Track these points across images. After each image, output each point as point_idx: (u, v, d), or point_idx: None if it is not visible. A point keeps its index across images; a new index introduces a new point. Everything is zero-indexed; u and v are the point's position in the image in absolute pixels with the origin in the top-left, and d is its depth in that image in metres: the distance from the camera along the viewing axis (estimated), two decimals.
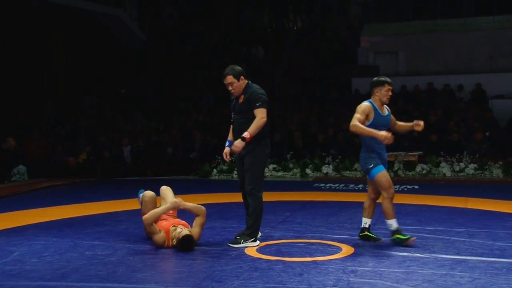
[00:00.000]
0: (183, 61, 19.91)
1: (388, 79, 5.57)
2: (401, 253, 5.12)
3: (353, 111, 5.59)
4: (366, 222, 5.70)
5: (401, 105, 14.97)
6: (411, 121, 5.86)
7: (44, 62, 17.72)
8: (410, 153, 11.92)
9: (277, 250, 5.31)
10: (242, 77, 5.58)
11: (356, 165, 12.09)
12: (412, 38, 18.15)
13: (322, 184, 10.84)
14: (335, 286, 4.15)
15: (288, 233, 6.12)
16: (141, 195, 6.26)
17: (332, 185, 10.71)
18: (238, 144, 5.43)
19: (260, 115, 5.46)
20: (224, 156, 5.81)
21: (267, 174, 12.01)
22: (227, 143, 5.84)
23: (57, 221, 7.07)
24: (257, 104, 5.50)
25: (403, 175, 11.63)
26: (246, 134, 5.40)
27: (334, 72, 18.52)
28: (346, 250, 5.26)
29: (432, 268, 4.61)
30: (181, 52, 20.55)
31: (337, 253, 5.16)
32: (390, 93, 5.56)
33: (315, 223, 6.68)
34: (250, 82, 5.69)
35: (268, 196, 5.91)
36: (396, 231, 5.44)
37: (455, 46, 17.63)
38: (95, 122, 16.45)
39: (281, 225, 6.58)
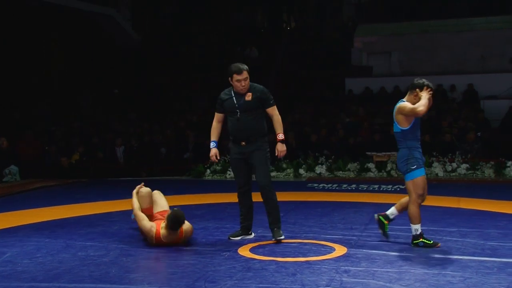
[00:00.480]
0: (177, 62, 19.90)
1: (430, 84, 5.41)
2: (393, 253, 5.14)
3: (346, 111, 5.60)
4: (393, 213, 5.60)
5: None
6: None
7: (39, 62, 17.67)
8: None
9: (271, 250, 5.31)
10: None
11: (349, 165, 12.12)
12: (405, 39, 18.22)
13: (316, 184, 10.85)
14: (328, 286, 4.17)
15: None
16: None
17: (325, 185, 10.73)
18: (283, 147, 5.71)
19: (277, 112, 5.74)
20: (214, 158, 5.80)
21: None
22: (213, 144, 5.85)
23: (49, 222, 7.04)
24: (271, 102, 5.72)
25: (396, 175, 11.65)
26: (282, 136, 5.70)
27: (328, 73, 18.56)
28: (339, 250, 5.28)
29: (424, 268, 4.63)
30: (175, 53, 20.54)
31: (330, 253, 5.18)
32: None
33: (308, 223, 6.70)
34: None
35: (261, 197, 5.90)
36: (421, 235, 5.36)
37: (447, 47, 17.71)
38: (89, 122, 16.40)
39: None
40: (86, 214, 7.61)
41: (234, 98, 5.72)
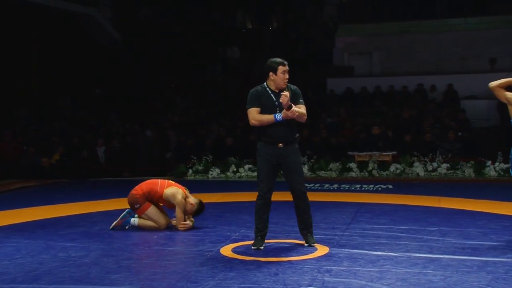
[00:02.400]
0: (158, 61, 19.81)
1: None
2: (375, 252, 5.17)
3: (328, 112, 5.56)
4: None
5: (377, 105, 15.12)
6: (386, 121, 5.89)
7: (18, 62, 17.45)
8: (384, 153, 12.03)
9: (253, 250, 5.30)
10: None
11: (331, 165, 12.15)
12: (385, 39, 18.34)
13: None
14: (310, 286, 4.18)
15: None
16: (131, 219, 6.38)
17: (307, 185, 10.69)
18: (287, 102, 5.11)
19: (304, 108, 5.36)
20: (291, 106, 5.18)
21: (242, 174, 12.03)
22: (278, 115, 5.22)
23: (29, 223, 6.96)
24: (301, 100, 5.39)
25: (377, 175, 11.73)
26: (295, 108, 5.18)
27: (310, 73, 18.60)
28: (321, 249, 5.29)
29: (405, 267, 4.66)
30: (156, 52, 20.43)
31: (312, 253, 5.18)
32: None
33: (290, 223, 6.68)
34: None
35: (243, 196, 5.91)
36: None
37: (428, 47, 17.87)
38: (69, 122, 16.25)
39: None
40: (66, 215, 7.53)
41: (272, 95, 5.37)
